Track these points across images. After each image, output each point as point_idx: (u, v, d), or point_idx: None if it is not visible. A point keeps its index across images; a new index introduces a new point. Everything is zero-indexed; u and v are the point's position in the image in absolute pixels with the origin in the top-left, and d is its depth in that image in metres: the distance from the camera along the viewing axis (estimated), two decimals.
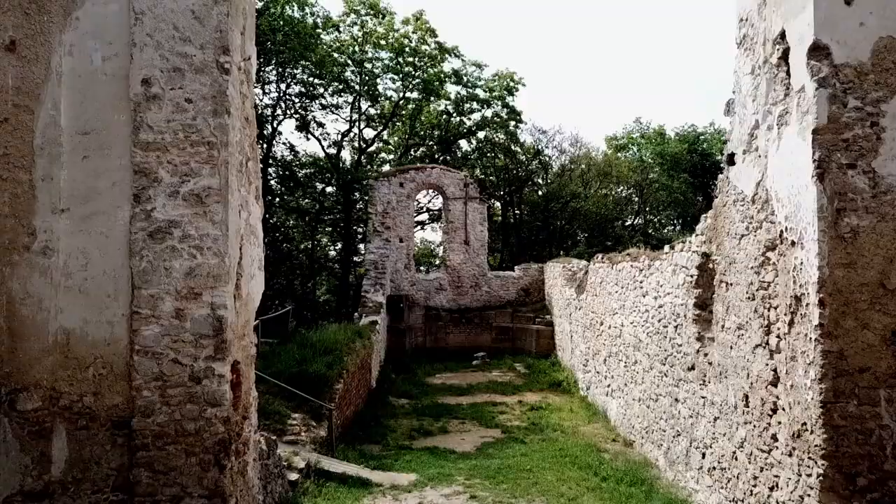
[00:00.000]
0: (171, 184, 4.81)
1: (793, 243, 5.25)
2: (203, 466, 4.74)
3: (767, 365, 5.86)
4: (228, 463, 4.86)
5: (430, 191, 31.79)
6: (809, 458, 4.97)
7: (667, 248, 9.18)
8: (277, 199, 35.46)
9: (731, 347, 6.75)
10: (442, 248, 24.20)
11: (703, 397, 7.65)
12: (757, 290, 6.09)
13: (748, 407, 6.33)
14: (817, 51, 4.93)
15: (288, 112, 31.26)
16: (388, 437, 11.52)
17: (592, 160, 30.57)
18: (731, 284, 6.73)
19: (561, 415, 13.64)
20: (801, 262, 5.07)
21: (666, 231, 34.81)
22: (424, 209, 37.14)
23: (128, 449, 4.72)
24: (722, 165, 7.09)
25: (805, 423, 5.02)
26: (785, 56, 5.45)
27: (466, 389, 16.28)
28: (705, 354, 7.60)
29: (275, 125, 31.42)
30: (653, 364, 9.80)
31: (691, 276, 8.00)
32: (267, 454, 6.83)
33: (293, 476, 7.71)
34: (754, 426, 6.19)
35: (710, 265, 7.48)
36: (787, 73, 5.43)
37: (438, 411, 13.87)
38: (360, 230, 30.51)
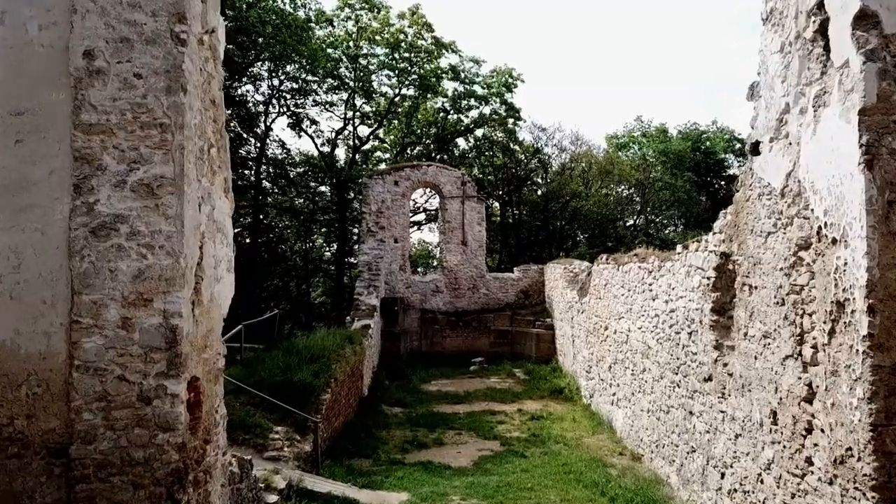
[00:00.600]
0: (117, 172, 4.19)
1: (834, 241, 4.64)
2: (153, 501, 4.11)
3: (800, 379, 5.26)
4: (184, 496, 4.23)
5: (427, 190, 31.29)
6: (856, 488, 4.36)
7: (679, 247, 8.58)
8: (270, 199, 34.94)
9: (756, 358, 6.15)
10: (439, 249, 23.59)
11: (722, 411, 7.04)
12: (787, 294, 5.48)
13: (776, 425, 5.72)
14: (864, 19, 4.33)
15: (281, 110, 30.69)
16: (379, 451, 10.89)
17: (593, 158, 30.00)
18: (756, 287, 6.12)
19: (563, 425, 13.03)
20: (845, 263, 4.46)
21: (668, 232, 34.33)
22: (421, 209, 36.54)
23: (66, 481, 4.09)
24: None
25: (850, 448, 4.42)
26: (822, 28, 4.85)
27: (463, 397, 15.66)
28: (724, 365, 6.99)
29: (268, 123, 30.88)
30: (663, 373, 9.19)
31: (708, 279, 7.40)
32: (240, 477, 6.20)
33: (272, 498, 7.08)
34: (784, 447, 5.58)
35: (730, 266, 6.87)
36: (825, 47, 4.83)
37: (434, 421, 13.25)
38: (355, 230, 29.90)
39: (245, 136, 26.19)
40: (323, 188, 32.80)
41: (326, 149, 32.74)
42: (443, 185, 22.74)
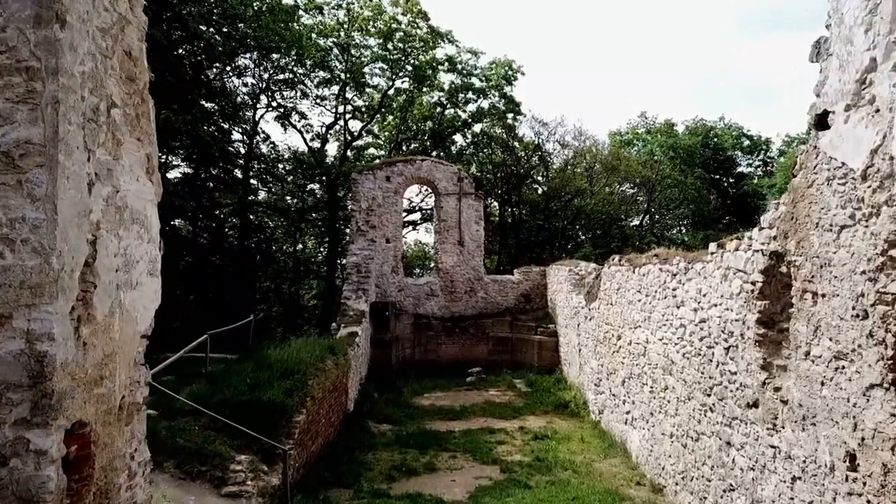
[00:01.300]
0: None
1: None
2: None
3: (894, 416, 4.10)
4: None
5: (422, 187, 30.13)
6: None
7: (712, 246, 7.42)
8: (259, 197, 33.75)
9: (824, 384, 4.98)
10: (434, 249, 22.44)
11: (772, 446, 5.88)
12: (872, 304, 4.33)
13: (856, 472, 4.56)
14: None
15: (270, 104, 29.54)
16: (362, 479, 9.70)
17: (598, 154, 28.83)
18: (824, 296, 4.96)
19: (570, 446, 11.86)
20: None
21: (674, 232, 33.22)
22: (416, 208, 35.37)
23: None
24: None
25: None
26: None
27: (459, 412, 14.49)
28: (776, 389, 5.83)
29: (256, 118, 29.72)
30: (692, 393, 8.02)
31: (753, 284, 6.24)
32: None
33: None
34: (868, 502, 4.41)
35: (784, 268, 5.72)
36: None
37: (426, 441, 12.06)
38: (347, 230, 28.68)
39: (228, 126, 24.96)
40: (313, 186, 31.60)
41: (317, 144, 31.60)
42: (438, 182, 21.58)
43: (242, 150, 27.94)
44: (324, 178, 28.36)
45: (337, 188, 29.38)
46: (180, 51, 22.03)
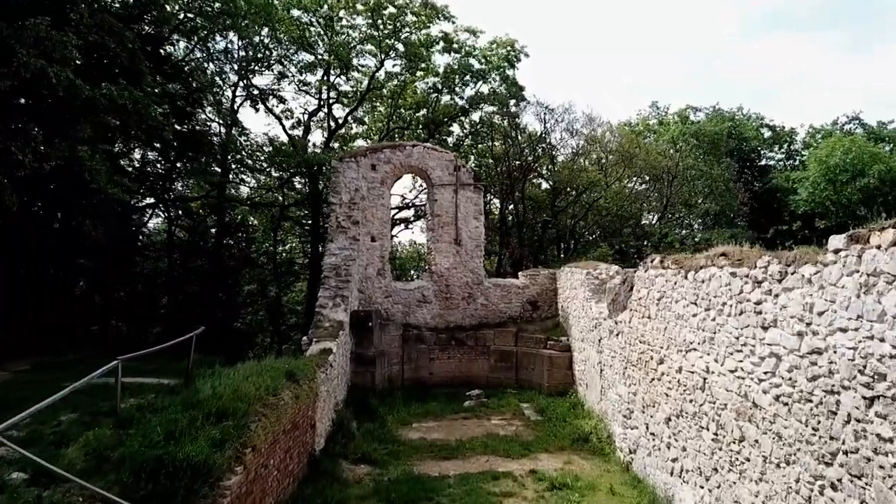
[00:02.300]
0: None
1: None
2: None
3: None
4: None
5: (414, 179, 27.76)
6: None
7: (838, 239, 5.04)
8: (236, 192, 31.38)
9: None
10: (427, 249, 20.07)
11: None
12: None
13: None
14: None
15: (247, 88, 27.14)
16: None
17: (612, 141, 26.32)
18: None
19: (597, 499, 9.49)
20: None
21: (685, 232, 30.75)
22: (409, 204, 33.06)
23: None
24: None
25: None
26: None
27: (455, 449, 12.10)
28: None
29: (234, 106, 27.36)
30: (793, 455, 5.65)
31: None
32: None
33: None
34: None
35: None
36: None
37: (412, 492, 9.69)
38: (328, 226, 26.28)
39: (192, 110, 22.51)
40: (296, 180, 29.20)
41: (298, 132, 29.22)
42: (431, 171, 19.19)
43: (219, 141, 25.57)
44: (304, 169, 25.93)
45: (318, 181, 27.01)
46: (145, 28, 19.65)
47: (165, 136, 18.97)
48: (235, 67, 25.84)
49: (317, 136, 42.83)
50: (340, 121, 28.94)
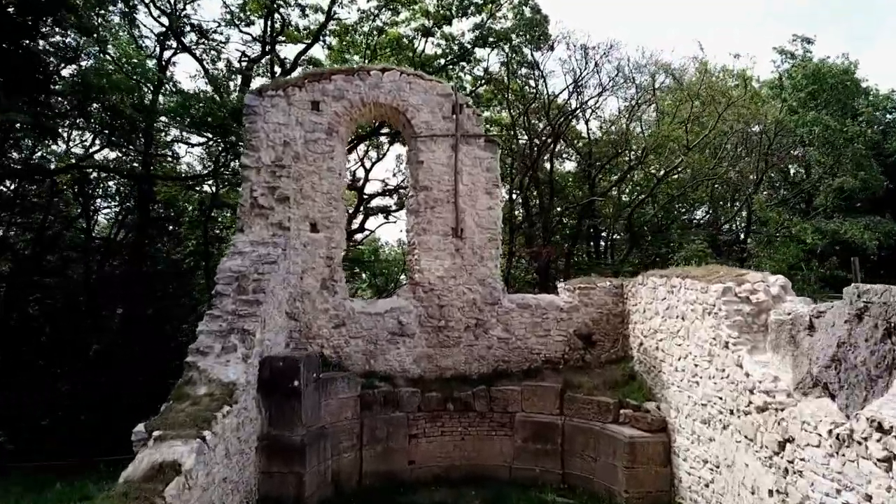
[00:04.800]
0: None
1: None
2: None
3: None
4: None
5: (381, 125, 20.79)
6: None
7: None
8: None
9: None
10: (407, 243, 13.03)
11: None
12: None
13: None
14: None
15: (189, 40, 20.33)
16: None
17: (694, 86, 18.77)
18: None
19: None
20: None
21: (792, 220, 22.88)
22: (394, 188, 26.12)
23: None
24: None
25: None
26: None
27: None
28: None
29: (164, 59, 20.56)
30: None
31: None
32: None
33: None
34: None
35: None
36: None
37: None
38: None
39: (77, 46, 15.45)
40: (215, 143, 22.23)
41: (234, 84, 22.26)
42: (414, 112, 12.13)
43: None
44: (235, 126, 18.87)
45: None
46: None
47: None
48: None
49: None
50: (289, 63, 21.81)
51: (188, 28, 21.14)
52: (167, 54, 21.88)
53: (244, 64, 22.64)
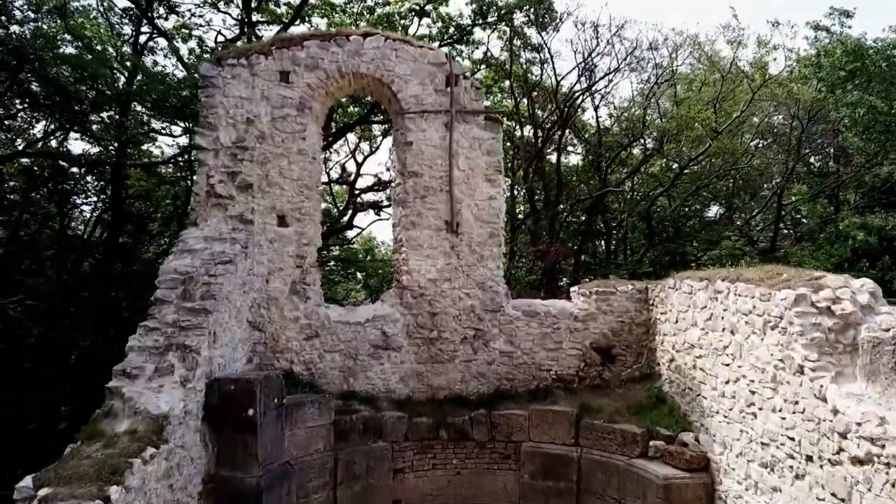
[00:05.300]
0: None
1: None
2: None
3: None
4: None
5: (371, 110, 19.10)
6: None
7: None
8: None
9: None
10: (394, 240, 11.27)
11: None
12: None
13: None
14: None
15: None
16: None
17: (719, 64, 16.91)
18: None
19: None
20: None
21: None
22: (382, 185, 24.37)
23: None
24: None
25: None
26: None
27: None
28: None
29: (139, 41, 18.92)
30: None
31: None
32: None
33: None
34: None
35: None
36: None
37: None
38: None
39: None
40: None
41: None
42: (400, 84, 10.37)
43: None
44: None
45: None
46: None
47: None
48: None
49: None
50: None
51: (162, 10, 19.49)
52: (143, 40, 20.29)
53: (220, 46, 20.89)
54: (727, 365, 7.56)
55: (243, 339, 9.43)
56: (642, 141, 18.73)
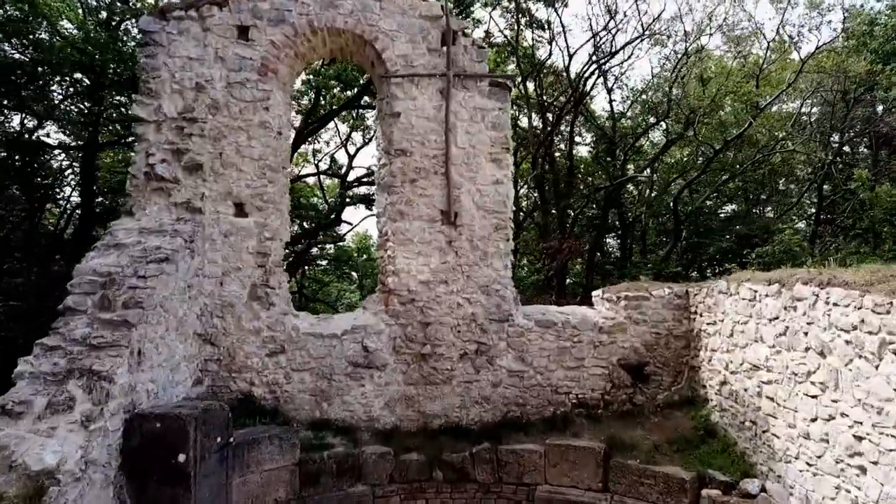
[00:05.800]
0: None
1: None
2: None
3: None
4: None
5: (362, 92, 17.27)
6: None
7: None
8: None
9: None
10: (379, 233, 9.46)
11: None
12: None
13: None
14: None
15: None
16: None
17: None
18: None
19: None
20: None
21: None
22: (370, 175, 22.57)
23: None
24: None
25: None
26: None
27: None
28: None
29: None
30: None
31: None
32: None
33: None
34: None
35: None
36: None
37: None
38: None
39: None
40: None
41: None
42: (385, 42, 8.55)
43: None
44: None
45: None
46: None
47: None
48: None
49: None
50: None
51: None
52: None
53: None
54: (813, 397, 5.74)
55: (188, 355, 7.63)
56: (664, 125, 16.89)
